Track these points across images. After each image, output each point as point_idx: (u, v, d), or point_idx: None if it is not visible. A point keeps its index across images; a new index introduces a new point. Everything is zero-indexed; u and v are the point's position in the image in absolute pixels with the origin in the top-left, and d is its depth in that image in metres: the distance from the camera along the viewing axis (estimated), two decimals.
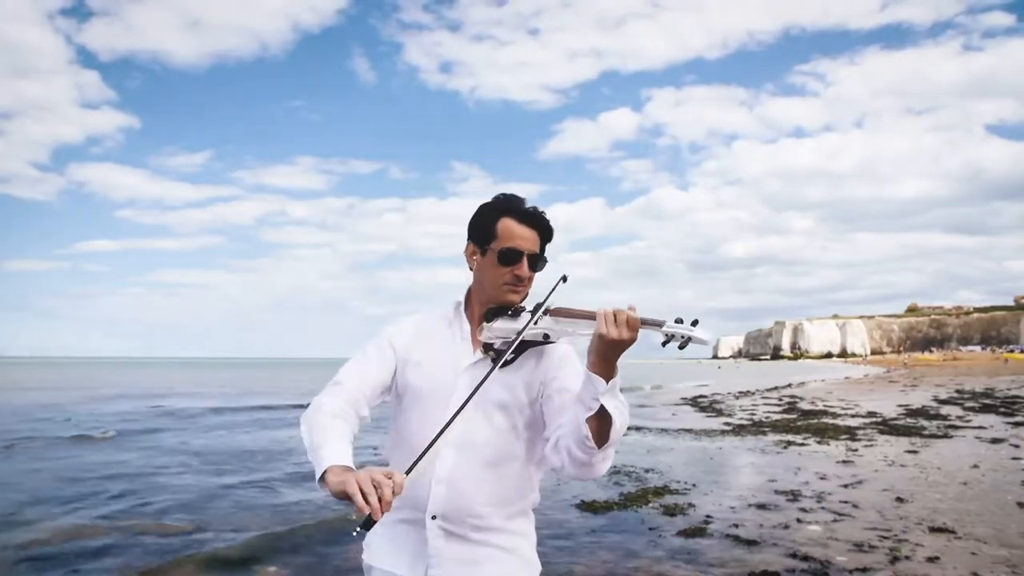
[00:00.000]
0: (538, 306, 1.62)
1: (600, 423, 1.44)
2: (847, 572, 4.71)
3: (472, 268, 1.74)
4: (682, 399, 25.02)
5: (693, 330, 1.40)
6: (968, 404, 20.58)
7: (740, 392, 29.70)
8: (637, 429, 14.28)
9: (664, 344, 1.44)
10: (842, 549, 5.24)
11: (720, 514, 6.45)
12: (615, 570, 4.89)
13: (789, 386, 35.82)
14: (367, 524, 1.32)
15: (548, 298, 1.62)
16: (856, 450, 10.68)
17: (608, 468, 1.56)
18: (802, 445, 11.38)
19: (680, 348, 1.44)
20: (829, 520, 6.16)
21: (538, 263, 1.70)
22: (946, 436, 12.42)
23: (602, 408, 1.42)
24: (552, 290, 1.63)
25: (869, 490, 7.53)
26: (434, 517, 1.63)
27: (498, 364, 1.55)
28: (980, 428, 13.74)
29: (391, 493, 1.33)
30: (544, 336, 1.61)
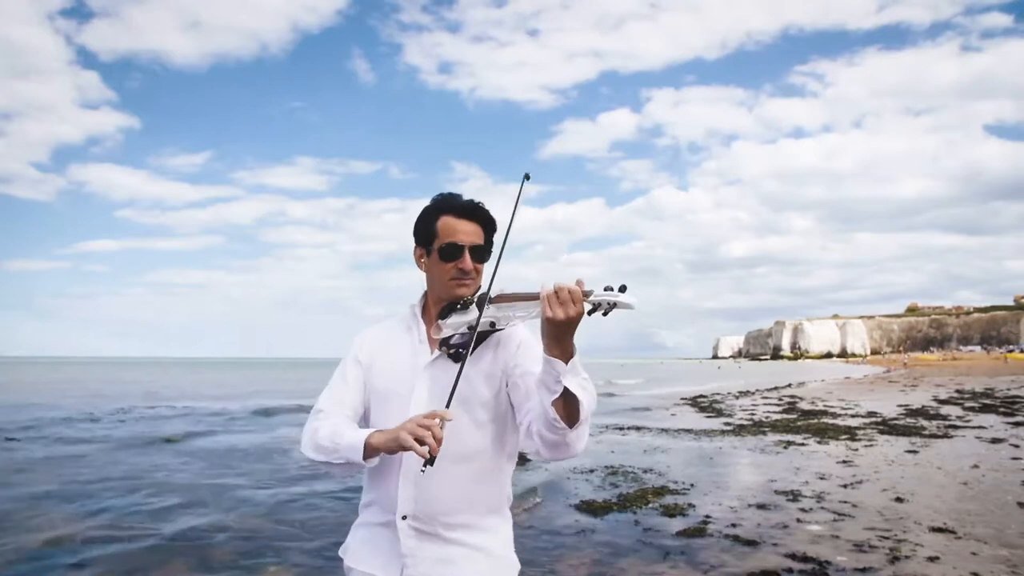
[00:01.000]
0: (482, 296, 1.61)
1: (567, 404, 1.44)
2: (847, 572, 4.71)
3: (423, 270, 1.79)
4: (682, 399, 25.01)
5: (618, 296, 1.33)
6: (968, 404, 20.58)
7: (740, 392, 29.70)
8: (637, 429, 14.28)
9: (590, 314, 1.37)
10: (842, 549, 5.24)
11: (720, 514, 6.45)
12: (616, 570, 4.89)
13: (789, 386, 35.81)
14: (431, 461, 1.41)
15: (505, 240, 1.62)
16: (856, 450, 10.68)
17: (584, 445, 1.54)
18: (802, 445, 11.37)
19: (604, 315, 1.36)
20: (829, 520, 6.16)
21: (483, 254, 1.73)
22: (946, 436, 12.42)
23: (567, 389, 1.42)
24: (519, 193, 1.63)
25: (869, 490, 7.53)
26: (404, 517, 1.66)
27: (465, 358, 1.55)
28: (980, 428, 13.74)
29: (440, 429, 1.42)
30: (491, 324, 1.61)
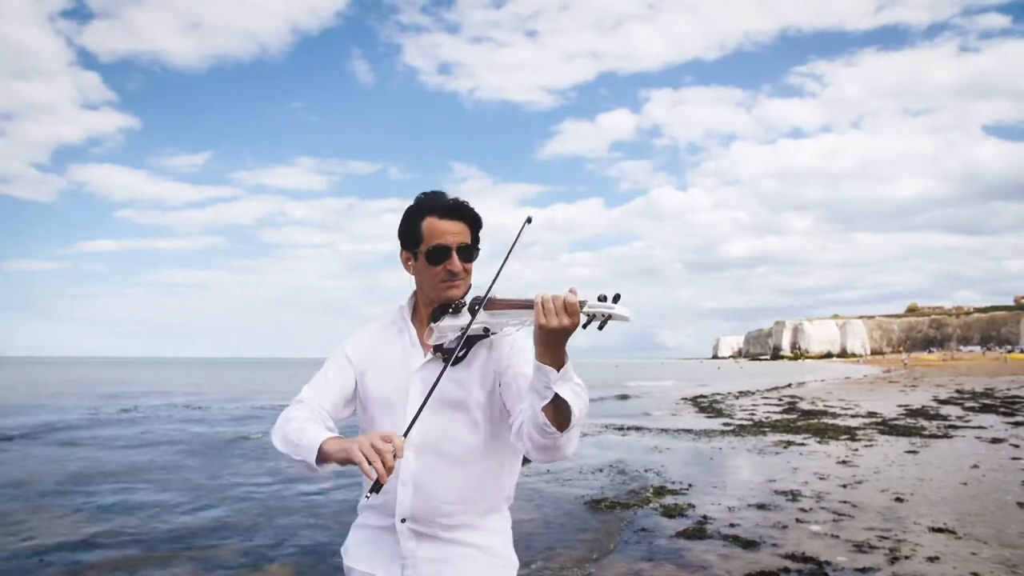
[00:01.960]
0: (476, 300, 1.61)
1: (557, 409, 1.43)
2: (847, 572, 4.71)
3: (411, 273, 1.77)
4: (682, 399, 25.02)
5: (613, 307, 1.30)
6: (968, 404, 20.58)
7: (740, 392, 29.69)
8: (637, 429, 14.29)
9: (584, 326, 1.35)
10: (842, 549, 5.24)
11: (719, 514, 6.45)
12: (616, 570, 4.89)
13: (789, 386, 35.81)
14: (376, 488, 1.35)
15: (499, 271, 1.59)
16: (856, 450, 10.68)
17: (575, 448, 1.53)
18: (802, 445, 11.38)
19: (600, 328, 1.33)
20: (829, 520, 6.16)
21: (471, 253, 1.71)
22: (946, 436, 12.42)
23: (557, 395, 1.40)
24: (517, 235, 1.60)
25: (869, 490, 7.53)
26: (403, 520, 1.65)
27: (448, 362, 1.53)
28: (980, 428, 13.74)
29: (392, 458, 1.36)
30: (484, 330, 1.60)
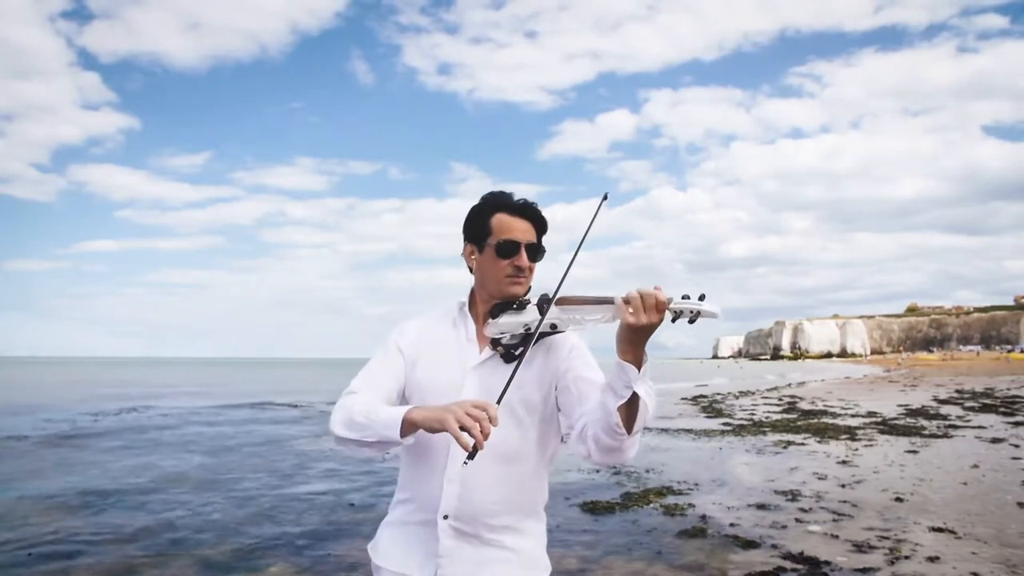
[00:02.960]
0: (544, 296, 1.60)
1: (630, 410, 1.43)
2: (847, 572, 4.71)
3: (472, 268, 1.75)
4: (682, 399, 25.01)
5: (701, 304, 1.37)
6: (968, 404, 20.58)
7: (740, 392, 29.69)
8: None
9: (674, 320, 1.40)
10: (842, 549, 5.24)
11: (719, 514, 6.45)
12: (616, 570, 4.89)
13: (789, 386, 35.81)
14: (473, 455, 1.34)
15: (573, 258, 1.58)
16: (856, 450, 10.68)
17: (636, 453, 1.54)
18: (802, 445, 11.38)
19: (690, 323, 1.39)
20: (829, 520, 6.16)
21: (537, 253, 1.71)
22: (946, 436, 12.42)
23: (633, 395, 1.41)
24: (595, 213, 1.60)
25: (869, 490, 7.53)
26: (446, 517, 1.63)
27: (520, 358, 1.49)
28: (980, 428, 13.74)
29: (489, 425, 1.35)
30: (551, 326, 1.59)
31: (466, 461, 1.36)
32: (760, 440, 12.10)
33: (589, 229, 1.59)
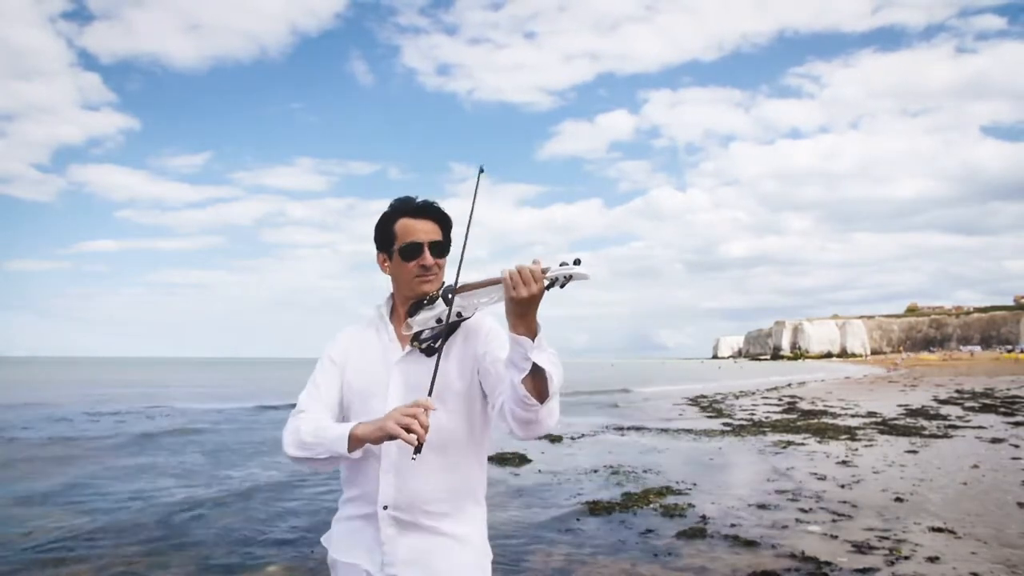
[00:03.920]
0: (446, 288, 1.68)
1: (536, 380, 1.51)
2: (846, 572, 4.71)
3: (387, 274, 1.86)
4: (682, 399, 25.02)
5: (572, 268, 1.40)
6: (968, 404, 20.58)
7: (740, 392, 29.70)
8: (637, 429, 14.29)
9: (549, 287, 1.44)
10: (842, 549, 5.24)
11: (719, 514, 6.45)
12: (617, 570, 4.89)
13: (789, 386, 35.82)
14: (419, 449, 1.48)
15: (467, 232, 1.66)
16: (856, 450, 10.68)
17: (556, 421, 1.60)
18: (802, 445, 11.37)
19: (561, 288, 1.44)
20: (829, 520, 6.16)
21: (442, 250, 1.80)
22: (946, 436, 12.42)
23: (535, 365, 1.48)
24: (476, 189, 1.68)
25: (869, 490, 7.53)
26: (385, 507, 1.72)
27: (440, 350, 1.63)
28: (980, 428, 13.74)
29: (426, 415, 1.49)
30: (458, 315, 1.67)
31: (414, 456, 1.49)
32: (760, 440, 12.09)
33: (473, 207, 1.66)
